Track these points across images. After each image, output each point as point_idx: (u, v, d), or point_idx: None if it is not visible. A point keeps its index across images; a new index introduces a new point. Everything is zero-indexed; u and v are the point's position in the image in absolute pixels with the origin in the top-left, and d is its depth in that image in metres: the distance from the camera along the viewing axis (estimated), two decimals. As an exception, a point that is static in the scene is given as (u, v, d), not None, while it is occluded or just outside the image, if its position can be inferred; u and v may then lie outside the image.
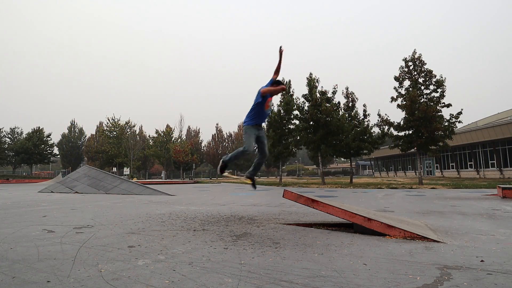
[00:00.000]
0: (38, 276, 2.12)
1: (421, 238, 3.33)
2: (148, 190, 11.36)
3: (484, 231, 3.89)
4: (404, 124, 19.26)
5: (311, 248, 2.96)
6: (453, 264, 2.45)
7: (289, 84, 26.81)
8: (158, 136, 53.44)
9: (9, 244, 3.07)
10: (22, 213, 5.70)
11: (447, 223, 4.60)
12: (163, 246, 3.03)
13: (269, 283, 2.01)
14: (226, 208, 6.57)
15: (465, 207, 6.80)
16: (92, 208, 6.36)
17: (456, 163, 36.76)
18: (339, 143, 21.67)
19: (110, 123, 50.85)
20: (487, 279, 2.08)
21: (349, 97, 22.97)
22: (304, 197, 4.07)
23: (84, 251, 2.81)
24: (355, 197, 9.88)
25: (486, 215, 5.42)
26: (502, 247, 3.02)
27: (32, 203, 7.63)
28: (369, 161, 64.03)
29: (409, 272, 2.23)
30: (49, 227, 4.06)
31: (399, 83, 19.97)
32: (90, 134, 65.35)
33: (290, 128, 25.50)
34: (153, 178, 59.20)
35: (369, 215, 3.82)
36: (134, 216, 5.13)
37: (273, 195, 10.93)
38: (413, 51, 19.72)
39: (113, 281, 2.02)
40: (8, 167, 55.35)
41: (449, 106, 18.66)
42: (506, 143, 29.44)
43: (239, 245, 3.06)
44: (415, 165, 44.30)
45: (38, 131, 47.29)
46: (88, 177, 13.10)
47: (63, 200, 8.65)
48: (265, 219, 4.83)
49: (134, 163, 48.76)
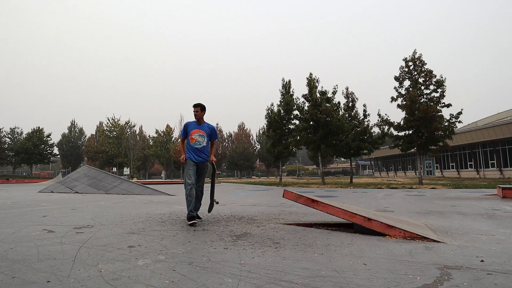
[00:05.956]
0: (38, 276, 2.12)
1: (421, 238, 3.33)
2: (148, 190, 11.35)
3: (484, 231, 3.89)
4: (404, 124, 19.26)
5: (311, 248, 2.96)
6: (453, 264, 2.45)
7: (289, 84, 26.82)
8: (158, 136, 53.48)
9: (9, 244, 3.07)
10: (22, 213, 5.70)
11: (447, 223, 4.60)
12: (163, 246, 3.03)
13: (269, 283, 2.01)
14: (226, 208, 6.57)
15: (465, 207, 6.80)
16: (92, 208, 6.36)
17: (456, 163, 36.76)
18: (339, 143, 21.67)
19: (110, 123, 50.84)
20: (487, 279, 2.09)
21: (349, 97, 22.97)
22: (304, 197, 4.07)
23: (84, 251, 2.81)
24: (355, 197, 9.88)
25: (486, 215, 5.42)
26: (502, 247, 3.02)
27: (32, 203, 7.63)
28: (369, 161, 64.04)
29: (409, 272, 2.23)
30: (49, 227, 4.06)
31: (399, 83, 19.97)
32: (90, 134, 65.48)
33: (290, 128, 25.51)
34: (153, 178, 59.20)
35: (369, 215, 3.82)
36: (134, 216, 5.13)
37: (273, 195, 10.94)
38: (413, 51, 19.73)
39: (113, 281, 2.02)
40: (8, 167, 55.35)
41: (449, 106, 18.66)
42: (506, 143, 29.45)
43: (239, 245, 3.06)
44: (415, 165, 44.30)
45: (38, 131, 47.30)
46: (88, 177, 13.10)
47: (63, 200, 8.65)
48: (265, 219, 4.83)
49: (134, 163, 48.74)
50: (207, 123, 4.74)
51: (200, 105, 4.64)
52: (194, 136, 4.56)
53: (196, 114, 4.62)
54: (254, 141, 69.69)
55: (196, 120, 4.66)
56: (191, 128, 4.62)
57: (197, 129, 4.60)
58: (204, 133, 4.61)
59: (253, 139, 69.70)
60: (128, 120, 52.10)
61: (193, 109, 4.63)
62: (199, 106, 4.64)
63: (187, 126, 4.67)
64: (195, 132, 4.58)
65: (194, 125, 4.64)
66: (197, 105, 4.64)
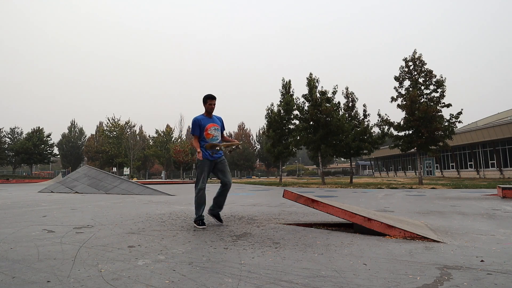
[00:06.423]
0: (38, 276, 2.12)
1: (421, 238, 3.33)
2: (148, 190, 11.36)
3: (484, 231, 3.89)
4: (404, 124, 19.27)
5: (311, 248, 2.96)
6: (453, 264, 2.45)
7: (289, 84, 26.83)
8: (158, 136, 53.52)
9: (9, 244, 3.07)
10: (22, 213, 5.70)
11: (447, 223, 4.60)
12: (163, 246, 3.03)
13: (269, 283, 2.01)
14: (226, 208, 6.57)
15: (465, 207, 6.80)
16: (92, 208, 6.36)
17: (456, 163, 36.77)
18: (339, 143, 21.67)
19: (110, 123, 50.87)
20: (487, 279, 2.09)
21: (349, 97, 22.99)
22: (304, 197, 4.07)
23: (84, 251, 2.81)
24: (355, 197, 9.88)
25: (486, 215, 5.42)
26: (502, 247, 3.02)
27: (32, 203, 7.63)
28: (369, 161, 64.06)
29: (409, 272, 2.23)
30: (49, 227, 4.06)
31: (399, 83, 19.98)
32: (90, 134, 65.54)
33: (290, 128, 25.51)
34: (153, 178, 59.22)
35: (369, 215, 3.82)
36: (134, 216, 5.13)
37: (273, 195, 10.94)
38: (413, 51, 19.75)
39: (113, 281, 2.02)
40: (8, 167, 55.38)
41: (449, 106, 18.68)
42: (506, 143, 29.45)
43: (239, 245, 3.06)
44: (415, 165, 44.30)
45: (38, 131, 47.33)
46: (88, 177, 13.10)
47: (63, 200, 8.65)
48: (265, 219, 4.83)
49: (134, 163, 48.76)
50: (214, 115, 4.37)
51: (215, 97, 4.27)
52: (210, 131, 4.19)
53: (213, 107, 4.23)
54: (254, 141, 69.75)
55: (206, 114, 4.27)
56: (205, 123, 4.20)
57: (211, 123, 4.24)
58: (218, 126, 4.30)
59: (253, 139, 69.76)
60: (128, 120, 52.19)
61: (208, 101, 4.20)
62: (215, 98, 4.26)
63: (200, 121, 4.20)
64: (211, 126, 4.21)
65: (207, 119, 4.25)
66: (214, 97, 4.24)
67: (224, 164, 4.30)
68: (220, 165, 4.27)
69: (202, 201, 4.17)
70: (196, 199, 4.19)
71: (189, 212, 5.70)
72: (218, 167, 4.27)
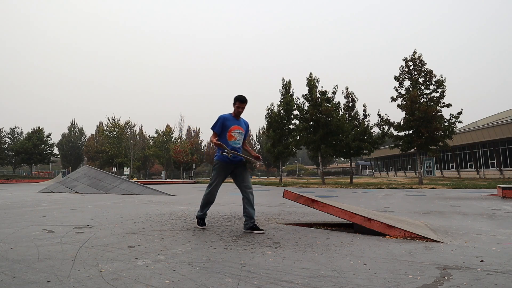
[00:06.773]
0: (38, 276, 2.12)
1: (421, 238, 3.33)
2: (148, 190, 11.36)
3: (484, 231, 3.89)
4: (404, 124, 19.28)
5: (311, 248, 2.96)
6: (453, 264, 2.45)
7: (289, 84, 26.84)
8: (158, 136, 53.47)
9: (9, 244, 3.07)
10: (22, 213, 5.69)
11: (447, 223, 4.60)
12: (163, 246, 3.03)
13: (269, 283, 2.01)
14: (226, 208, 6.57)
15: (465, 207, 6.80)
16: (92, 208, 6.36)
17: (456, 163, 36.76)
18: (339, 143, 21.69)
19: (110, 123, 50.84)
20: (487, 279, 2.08)
21: (349, 97, 23.00)
22: (304, 197, 4.07)
23: (84, 251, 2.81)
24: (355, 197, 9.88)
25: (486, 215, 5.42)
26: (502, 247, 3.02)
27: (32, 203, 7.63)
28: (369, 161, 64.04)
29: (409, 272, 2.23)
30: (49, 227, 4.06)
31: (399, 83, 19.99)
32: (90, 134, 65.45)
33: (290, 128, 25.52)
34: (153, 178, 59.18)
35: (369, 215, 3.82)
36: (134, 216, 5.13)
37: (273, 195, 10.94)
38: (413, 51, 19.77)
39: (113, 281, 2.02)
40: (8, 167, 55.37)
41: (449, 106, 18.69)
42: (506, 143, 29.45)
43: (239, 245, 3.06)
44: (415, 165, 44.30)
45: (38, 131, 47.33)
46: (88, 177, 13.10)
47: (63, 200, 8.65)
48: (265, 219, 4.83)
49: (134, 163, 48.75)
50: (242, 118, 4.06)
51: (245, 101, 3.94)
52: (234, 133, 3.89)
53: (240, 111, 3.93)
54: (254, 141, 69.69)
55: (234, 114, 3.96)
56: (230, 124, 3.89)
57: (237, 125, 3.92)
58: (243, 131, 3.99)
59: (253, 139, 69.70)
60: (128, 120, 52.13)
61: (237, 103, 3.89)
62: (245, 102, 3.94)
63: (226, 120, 3.88)
64: (235, 128, 3.91)
65: (233, 120, 3.92)
66: (244, 101, 3.92)
67: (244, 168, 3.99)
68: (240, 169, 3.96)
69: (211, 200, 4.04)
70: (204, 197, 4.05)
71: (189, 212, 5.70)
72: (238, 172, 3.96)
